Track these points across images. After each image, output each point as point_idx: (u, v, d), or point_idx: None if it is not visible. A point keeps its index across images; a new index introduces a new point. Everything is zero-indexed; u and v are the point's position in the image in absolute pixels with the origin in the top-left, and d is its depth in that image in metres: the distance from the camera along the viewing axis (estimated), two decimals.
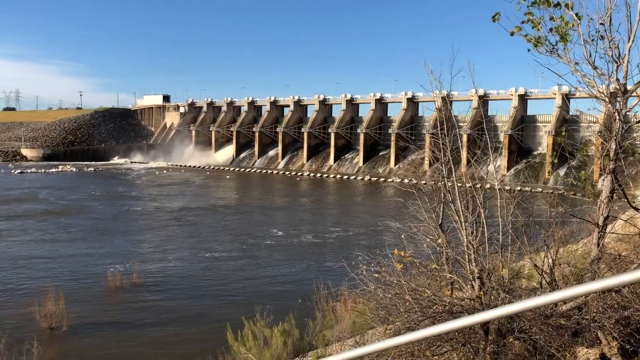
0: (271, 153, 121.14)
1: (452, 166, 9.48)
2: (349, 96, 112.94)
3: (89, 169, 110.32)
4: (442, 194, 9.55)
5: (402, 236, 9.78)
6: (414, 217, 10.09)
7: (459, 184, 9.54)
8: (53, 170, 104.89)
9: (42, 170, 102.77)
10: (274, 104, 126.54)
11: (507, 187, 11.81)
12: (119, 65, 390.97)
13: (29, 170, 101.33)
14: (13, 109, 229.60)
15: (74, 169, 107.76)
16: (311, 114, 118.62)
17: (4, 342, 14.87)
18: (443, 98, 12.14)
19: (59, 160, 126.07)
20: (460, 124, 79.16)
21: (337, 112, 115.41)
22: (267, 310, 16.56)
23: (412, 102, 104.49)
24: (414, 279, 9.02)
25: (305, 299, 23.50)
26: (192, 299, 26.14)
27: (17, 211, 52.18)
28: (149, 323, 22.71)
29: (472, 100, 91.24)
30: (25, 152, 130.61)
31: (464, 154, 65.11)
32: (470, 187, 9.69)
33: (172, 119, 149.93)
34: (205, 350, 17.48)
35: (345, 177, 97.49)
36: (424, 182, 12.43)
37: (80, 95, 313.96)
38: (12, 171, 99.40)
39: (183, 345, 20.59)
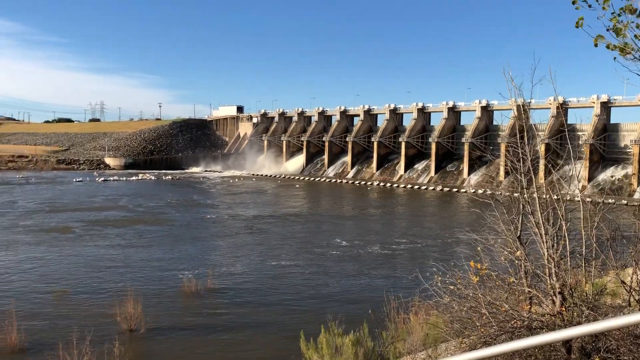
0: (341, 162, 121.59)
1: (532, 176, 9.13)
2: (420, 105, 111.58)
3: (167, 177, 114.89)
4: (521, 205, 9.21)
5: (479, 248, 9.50)
6: (491, 228, 9.79)
7: (539, 195, 9.17)
8: (133, 178, 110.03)
9: (124, 178, 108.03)
10: (343, 113, 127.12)
11: (589, 199, 11.24)
12: (196, 77, 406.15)
13: (111, 178, 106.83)
14: (98, 120, 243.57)
15: (152, 177, 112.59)
16: (381, 123, 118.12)
17: (89, 340, 15.69)
18: (519, 106, 11.74)
19: (139, 168, 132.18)
20: (538, 132, 76.39)
21: (408, 121, 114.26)
22: (338, 319, 16.53)
23: (487, 111, 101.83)
24: (490, 293, 8.72)
25: (375, 310, 23.26)
26: (263, 305, 26.53)
27: (99, 217, 55.09)
28: (222, 328, 23.24)
29: (550, 108, 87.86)
30: (108, 160, 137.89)
31: (542, 164, 62.82)
32: (551, 198, 9.29)
33: (245, 129, 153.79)
34: (276, 357, 17.68)
35: (416, 187, 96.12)
36: (498, 192, 12.01)
37: (160, 106, 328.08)
38: (97, 179, 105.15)
39: (255, 351, 20.92)
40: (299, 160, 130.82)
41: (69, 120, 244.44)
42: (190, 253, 38.70)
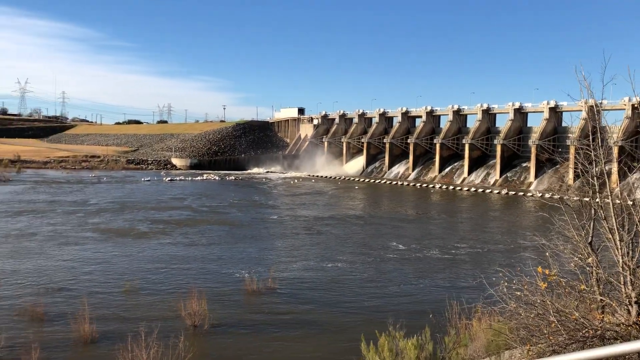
0: (401, 164, 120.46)
1: (607, 180, 8.72)
2: (485, 106, 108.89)
3: (230, 177, 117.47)
4: (593, 210, 8.81)
5: (547, 253, 9.16)
6: (560, 233, 9.42)
7: (612, 200, 8.74)
8: (198, 178, 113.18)
9: (189, 178, 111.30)
10: (405, 114, 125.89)
11: None
12: (259, 80, 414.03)
13: (177, 178, 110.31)
14: (165, 122, 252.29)
15: (216, 178, 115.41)
16: (444, 124, 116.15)
17: (156, 333, 16.26)
18: (591, 107, 11.24)
19: (203, 169, 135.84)
20: (611, 134, 72.96)
21: (472, 123, 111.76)
22: (399, 323, 16.39)
23: (555, 112, 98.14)
24: (559, 300, 8.39)
25: (437, 315, 22.90)
26: (322, 306, 26.62)
27: (165, 216, 57.00)
28: (282, 327, 23.51)
29: (625, 109, 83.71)
30: (175, 161, 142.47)
31: (615, 167, 59.96)
32: (626, 203, 8.85)
33: (306, 130, 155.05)
34: (336, 358, 17.70)
35: (480, 190, 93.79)
36: (566, 196, 11.60)
37: (224, 108, 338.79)
38: (164, 178, 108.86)
39: (314, 352, 21.03)
40: (359, 161, 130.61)
41: (138, 122, 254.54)
42: (252, 252, 39.39)
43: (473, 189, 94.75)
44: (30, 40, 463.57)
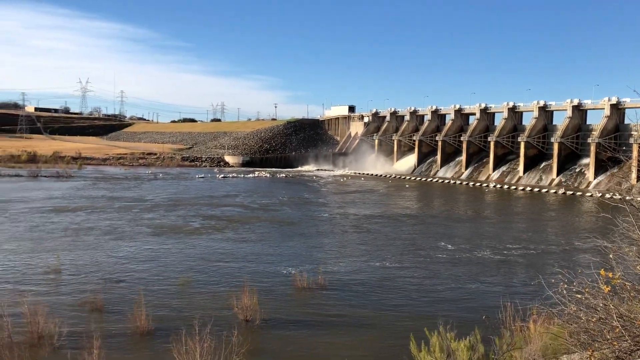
0: (454, 163, 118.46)
1: None
2: (541, 103, 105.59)
3: (281, 175, 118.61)
4: None
5: (610, 256, 8.77)
6: (624, 235, 9.01)
7: None
8: (250, 175, 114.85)
9: (241, 176, 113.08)
10: (458, 112, 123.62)
11: None
12: (310, 79, 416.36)
13: (230, 175, 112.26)
14: (219, 120, 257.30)
15: (268, 175, 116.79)
16: (499, 122, 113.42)
17: (209, 327, 16.55)
18: None
19: (255, 166, 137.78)
20: None
21: (528, 120, 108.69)
22: (450, 323, 16.12)
23: (617, 109, 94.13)
24: (623, 304, 8.03)
25: (489, 316, 22.37)
26: (371, 304, 26.50)
27: (218, 212, 58.14)
28: (332, 324, 23.55)
29: None
30: (227, 158, 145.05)
31: None
32: None
33: (356, 128, 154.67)
34: (386, 357, 17.59)
35: (536, 189, 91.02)
36: (629, 197, 11.11)
37: (275, 107, 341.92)
38: (217, 175, 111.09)
39: (364, 349, 20.95)
40: (410, 160, 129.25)
41: (192, 120, 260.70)
42: (301, 249, 39.64)
43: (528, 189, 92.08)
44: (91, 42, 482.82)
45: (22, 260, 33.40)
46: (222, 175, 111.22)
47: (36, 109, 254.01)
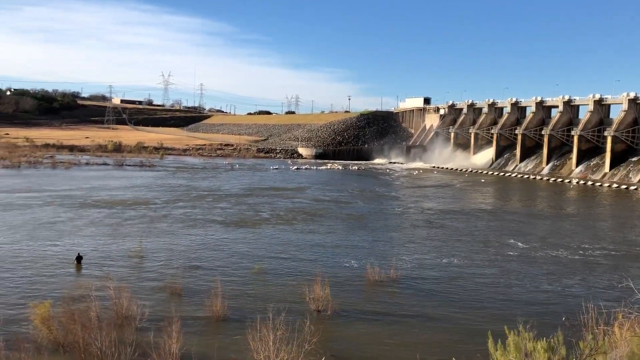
0: (534, 157, 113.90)
1: None
2: (632, 95, 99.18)
3: (353, 167, 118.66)
4: None
5: None
6: None
7: None
8: (322, 167, 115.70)
9: (314, 167, 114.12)
10: (539, 104, 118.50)
11: None
12: (384, 70, 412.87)
13: (303, 167, 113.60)
14: (293, 113, 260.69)
15: (340, 167, 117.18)
16: (583, 115, 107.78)
17: (283, 316, 16.90)
18: None
19: (327, 158, 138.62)
20: None
21: (616, 113, 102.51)
22: (529, 323, 15.56)
23: None
24: None
25: (570, 318, 21.44)
26: (444, 301, 26.05)
27: (290, 203, 59.07)
28: (404, 318, 23.36)
29: None
30: (301, 150, 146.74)
31: None
32: None
33: (431, 121, 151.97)
34: (460, 353, 17.24)
35: (623, 186, 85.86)
36: None
37: (349, 99, 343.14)
38: (290, 167, 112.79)
39: (437, 345, 20.65)
40: (488, 153, 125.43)
41: (268, 113, 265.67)
42: (373, 242, 39.51)
43: (615, 186, 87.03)
44: (173, 36, 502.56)
45: (106, 245, 35.38)
46: (295, 167, 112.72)
47: (122, 101, 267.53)
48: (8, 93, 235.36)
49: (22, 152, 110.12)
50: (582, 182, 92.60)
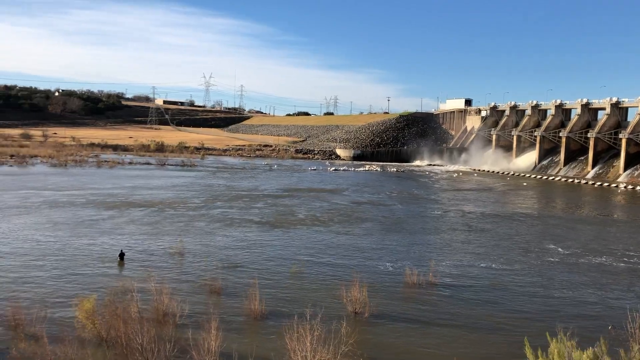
0: (579, 161, 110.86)
1: None
2: None
3: (392, 169, 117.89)
4: None
5: None
6: None
7: None
8: (360, 169, 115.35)
9: (352, 169, 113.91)
10: (585, 106, 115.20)
11: None
12: (424, 71, 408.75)
13: (341, 168, 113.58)
14: (331, 114, 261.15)
15: (378, 169, 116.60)
16: (632, 117, 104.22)
17: (320, 317, 16.92)
18: None
19: (365, 160, 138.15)
20: None
21: None
22: (570, 331, 15.15)
23: None
24: None
25: (616, 327, 20.80)
26: (482, 306, 25.59)
27: (326, 204, 59.06)
28: (442, 323, 23.04)
29: None
30: (339, 151, 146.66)
31: None
32: None
33: (472, 122, 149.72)
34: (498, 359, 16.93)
35: None
36: None
37: (388, 100, 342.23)
38: (328, 168, 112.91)
39: (474, 351, 20.31)
40: (530, 156, 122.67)
41: (306, 114, 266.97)
42: (411, 245, 39.13)
43: None
44: (214, 38, 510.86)
45: (147, 243, 36.14)
46: (333, 168, 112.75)
47: (164, 102, 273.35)
48: (57, 94, 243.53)
49: (68, 151, 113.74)
50: (630, 186, 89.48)
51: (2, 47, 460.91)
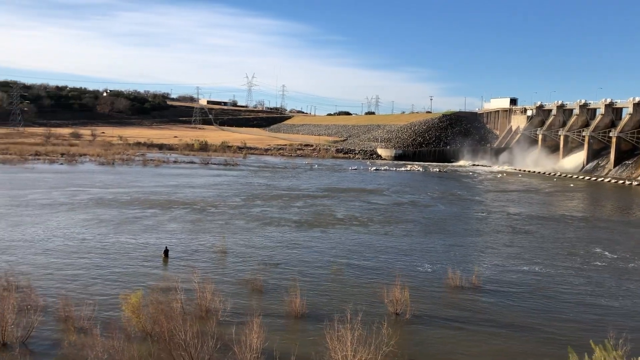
0: (630, 161, 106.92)
1: None
2: None
3: (434, 169, 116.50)
4: None
5: None
6: None
7: None
8: (402, 169, 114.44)
9: (393, 169, 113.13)
10: (637, 105, 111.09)
11: None
12: (468, 70, 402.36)
13: (382, 168, 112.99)
14: (372, 113, 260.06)
15: (420, 169, 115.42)
16: None
17: (360, 317, 16.85)
18: None
19: (407, 160, 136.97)
20: None
21: None
22: (618, 340, 14.62)
23: None
24: None
25: None
26: (526, 310, 24.97)
27: (367, 204, 58.81)
28: (484, 327, 22.60)
29: None
30: (380, 151, 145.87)
31: None
32: None
33: (517, 122, 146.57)
34: None
35: None
36: None
37: (431, 99, 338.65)
38: (369, 168, 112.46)
39: (516, 357, 19.83)
40: (578, 157, 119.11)
41: (347, 113, 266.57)
42: (453, 247, 38.55)
43: None
44: (256, 38, 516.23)
45: (190, 240, 36.78)
46: (374, 168, 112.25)
47: (208, 102, 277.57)
48: (105, 94, 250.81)
49: (116, 150, 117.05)
50: None
51: (54, 49, 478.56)
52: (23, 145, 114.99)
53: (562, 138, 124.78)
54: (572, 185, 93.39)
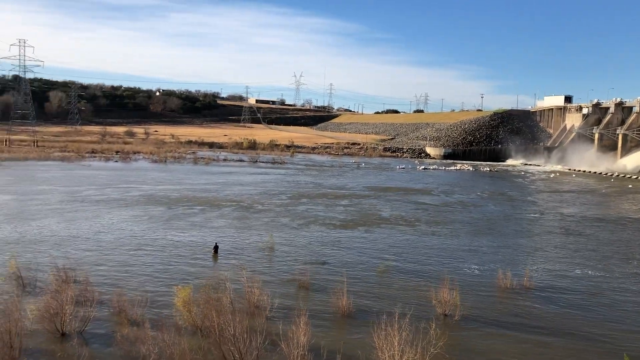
0: None
1: None
2: None
3: (485, 169, 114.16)
4: None
5: None
6: None
7: None
8: (452, 168, 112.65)
9: (443, 168, 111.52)
10: None
11: None
12: (520, 68, 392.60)
13: (430, 167, 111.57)
14: (421, 111, 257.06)
15: (470, 168, 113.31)
16: None
17: (408, 317, 16.69)
18: None
19: (457, 159, 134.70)
20: None
21: None
22: None
23: None
24: None
25: None
26: (579, 314, 24.13)
27: (414, 204, 58.20)
28: (535, 330, 21.94)
29: None
30: (428, 150, 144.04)
31: None
32: None
33: (572, 120, 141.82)
34: None
35: None
36: None
37: (481, 97, 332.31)
38: (417, 167, 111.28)
39: None
40: (638, 157, 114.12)
41: (395, 112, 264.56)
42: (504, 248, 37.65)
43: None
44: (305, 37, 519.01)
45: (238, 237, 37.29)
46: (423, 167, 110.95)
47: (257, 101, 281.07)
48: (157, 94, 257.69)
49: (168, 148, 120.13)
50: None
51: (109, 50, 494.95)
52: (80, 143, 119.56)
53: (620, 137, 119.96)
54: (630, 186, 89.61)
